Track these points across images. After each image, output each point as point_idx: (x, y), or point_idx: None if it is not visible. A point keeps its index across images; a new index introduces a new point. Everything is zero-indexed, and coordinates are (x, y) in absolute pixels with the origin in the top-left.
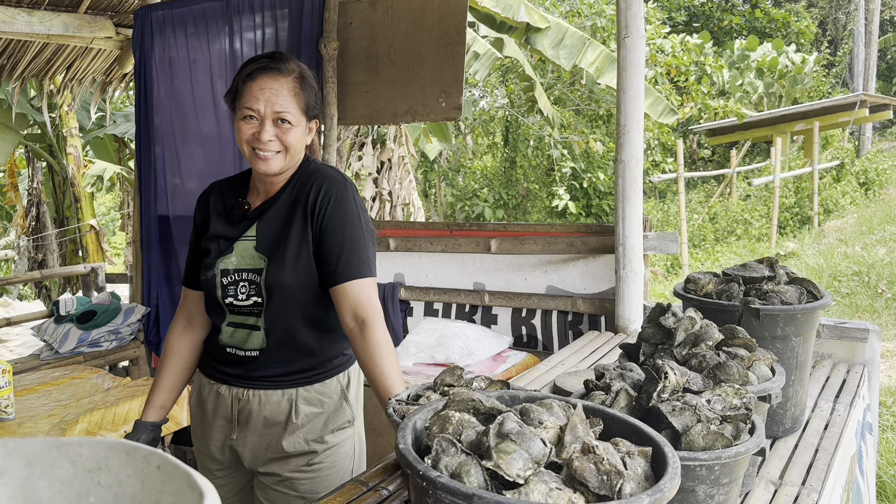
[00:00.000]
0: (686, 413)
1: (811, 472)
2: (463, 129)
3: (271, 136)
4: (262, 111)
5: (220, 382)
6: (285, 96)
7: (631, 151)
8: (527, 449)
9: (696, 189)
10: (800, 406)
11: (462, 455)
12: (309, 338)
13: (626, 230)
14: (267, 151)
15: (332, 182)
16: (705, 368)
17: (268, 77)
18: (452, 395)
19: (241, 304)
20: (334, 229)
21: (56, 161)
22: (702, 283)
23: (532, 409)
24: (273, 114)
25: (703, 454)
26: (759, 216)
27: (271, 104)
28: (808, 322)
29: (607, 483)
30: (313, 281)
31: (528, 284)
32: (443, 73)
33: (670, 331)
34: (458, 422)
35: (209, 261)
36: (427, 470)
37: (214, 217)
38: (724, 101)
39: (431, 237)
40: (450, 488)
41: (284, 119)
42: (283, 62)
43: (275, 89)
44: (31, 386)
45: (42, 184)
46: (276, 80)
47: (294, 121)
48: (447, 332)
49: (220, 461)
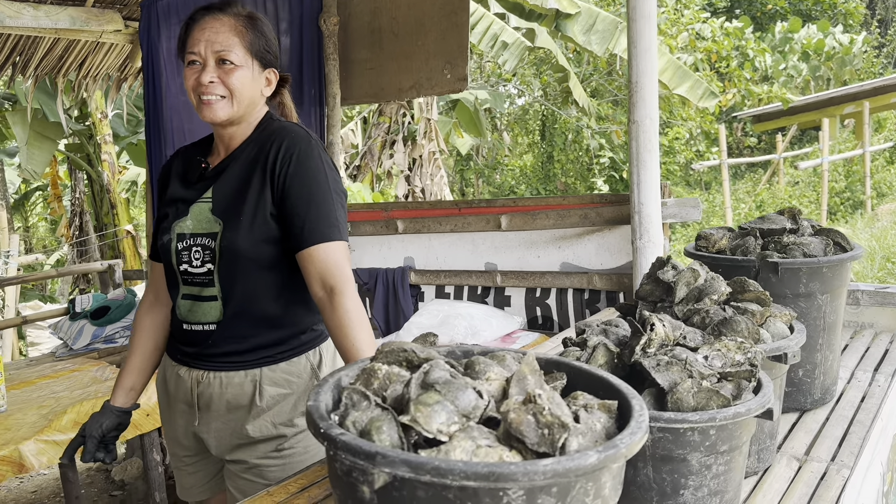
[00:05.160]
0: (674, 368)
1: (843, 446)
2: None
3: (212, 76)
4: (203, 53)
5: (179, 364)
6: (226, 34)
7: (645, 110)
8: (453, 400)
9: (742, 179)
10: (831, 375)
11: (376, 410)
12: (271, 309)
13: (641, 197)
14: (210, 95)
15: (294, 138)
16: (709, 325)
17: (210, 18)
18: (382, 346)
19: (195, 272)
20: (298, 189)
21: (93, 169)
22: (714, 238)
23: (479, 360)
24: (214, 54)
25: (693, 415)
26: (808, 202)
27: (211, 44)
28: (836, 277)
29: (548, 438)
30: (273, 245)
31: (542, 262)
32: (447, 42)
33: (670, 286)
34: (385, 376)
35: (165, 225)
36: (329, 427)
37: (174, 180)
38: (767, 86)
39: (440, 217)
40: (350, 447)
41: (226, 59)
42: (229, 5)
43: (215, 28)
44: (30, 379)
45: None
46: (217, 19)
47: (238, 61)
48: (452, 313)
49: (187, 448)
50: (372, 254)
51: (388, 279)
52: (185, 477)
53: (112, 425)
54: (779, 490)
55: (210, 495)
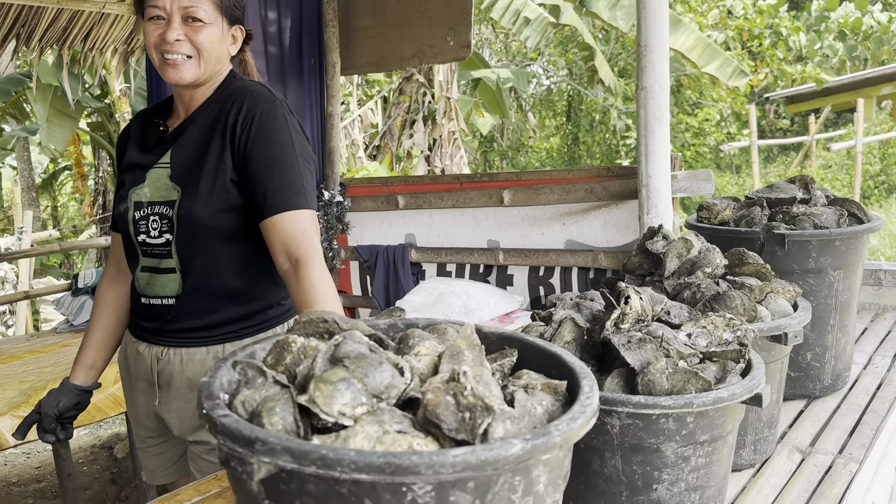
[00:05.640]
0: (647, 346)
1: (853, 437)
2: (524, 106)
3: (179, 34)
4: (169, 8)
5: (139, 340)
6: None
7: (654, 76)
8: (362, 378)
9: (774, 162)
10: (844, 360)
11: (273, 387)
12: (234, 283)
13: (650, 169)
14: (175, 55)
15: (256, 99)
16: (700, 301)
17: None
18: (300, 316)
19: (153, 243)
20: (260, 154)
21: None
22: (717, 209)
23: (413, 334)
24: (181, 10)
25: (666, 399)
26: (840, 185)
27: None
28: (850, 251)
29: (468, 423)
30: (234, 215)
31: (546, 240)
32: (450, 8)
33: (659, 257)
34: (299, 349)
35: (122, 193)
36: (213, 408)
37: (131, 145)
38: (801, 66)
39: (441, 192)
40: (229, 430)
41: (194, 16)
42: None
43: None
44: (19, 354)
45: (107, 172)
46: None
47: (207, 18)
48: (448, 290)
49: (149, 428)
50: (373, 230)
51: (388, 256)
52: (149, 459)
53: (70, 404)
54: (776, 485)
55: (176, 478)
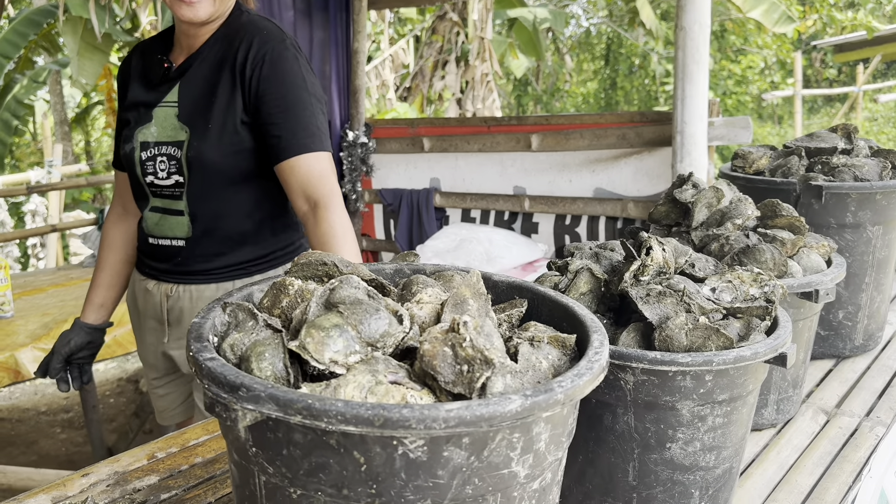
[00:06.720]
0: (667, 300)
1: (882, 400)
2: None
3: None
4: None
5: (148, 278)
6: None
7: (694, 15)
8: (356, 325)
9: (818, 113)
10: (877, 319)
11: (264, 331)
12: (244, 225)
13: (685, 115)
14: None
15: (266, 36)
16: (728, 254)
17: None
18: (299, 258)
19: (162, 184)
20: (273, 95)
21: None
22: (752, 157)
23: (417, 280)
24: None
25: (684, 356)
26: (886, 139)
27: None
28: (891, 206)
29: (466, 376)
30: (245, 157)
31: (574, 187)
32: None
33: (687, 207)
34: (296, 292)
35: (128, 132)
36: (199, 351)
37: (134, 81)
38: (852, 13)
39: (467, 135)
40: (213, 375)
41: None
42: None
43: None
44: (42, 286)
45: None
46: None
47: None
48: (469, 237)
49: (157, 369)
50: (398, 173)
51: (412, 200)
52: (157, 399)
53: (82, 343)
54: (797, 446)
55: (185, 418)
